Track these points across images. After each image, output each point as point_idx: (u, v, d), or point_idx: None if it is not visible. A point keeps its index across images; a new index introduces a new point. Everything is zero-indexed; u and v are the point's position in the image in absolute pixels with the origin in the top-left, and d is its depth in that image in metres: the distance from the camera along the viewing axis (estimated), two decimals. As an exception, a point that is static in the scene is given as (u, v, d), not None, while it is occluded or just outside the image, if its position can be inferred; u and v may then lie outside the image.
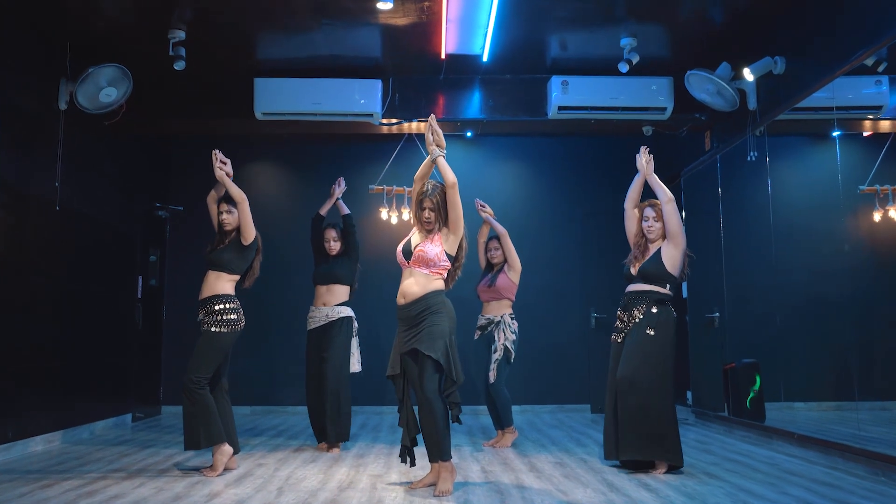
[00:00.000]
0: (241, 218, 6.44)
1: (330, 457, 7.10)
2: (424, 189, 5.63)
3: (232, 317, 6.31)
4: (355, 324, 7.75)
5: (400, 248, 5.65)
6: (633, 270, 6.39)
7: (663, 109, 8.95)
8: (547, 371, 10.61)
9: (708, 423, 9.34)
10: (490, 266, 8.10)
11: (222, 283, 6.40)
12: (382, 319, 10.15)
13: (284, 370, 10.56)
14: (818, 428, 7.74)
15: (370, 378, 9.22)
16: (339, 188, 7.98)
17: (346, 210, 7.97)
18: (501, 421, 7.83)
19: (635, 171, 6.58)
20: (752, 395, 8.62)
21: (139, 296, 10.00)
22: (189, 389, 6.11)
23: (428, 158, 5.63)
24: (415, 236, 5.66)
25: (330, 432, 7.43)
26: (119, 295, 9.50)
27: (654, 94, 8.89)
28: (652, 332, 6.18)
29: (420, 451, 5.91)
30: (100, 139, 8.81)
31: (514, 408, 8.26)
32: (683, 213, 9.93)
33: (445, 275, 5.61)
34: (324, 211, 7.96)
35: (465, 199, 5.65)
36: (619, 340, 6.39)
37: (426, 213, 5.60)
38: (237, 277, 6.50)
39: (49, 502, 5.18)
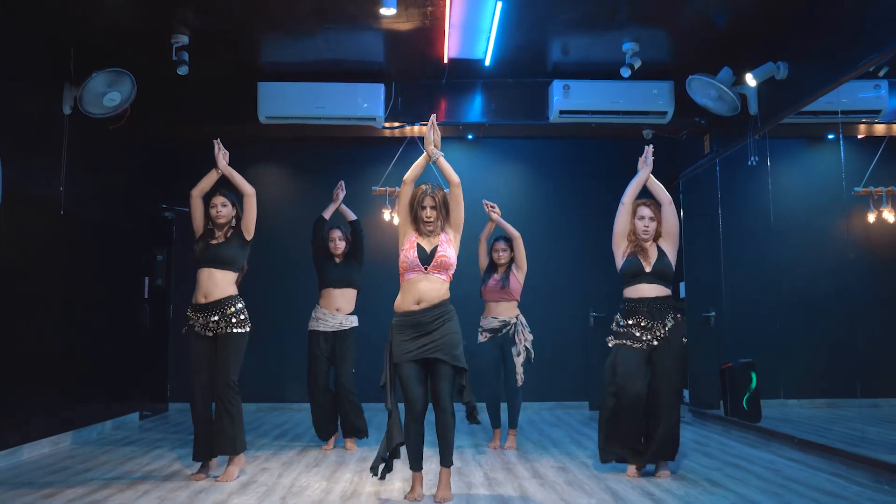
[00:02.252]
0: (247, 212, 6.37)
1: (335, 460, 7.09)
2: (424, 189, 5.46)
3: (246, 315, 6.30)
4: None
5: (412, 252, 5.36)
6: (647, 267, 6.17)
7: (664, 113, 8.95)
8: (546, 369, 10.53)
9: (705, 423, 9.36)
10: (493, 266, 8.01)
11: (230, 282, 6.32)
12: (384, 318, 10.02)
13: (290, 367, 10.56)
14: (815, 428, 7.82)
15: (375, 374, 9.04)
16: (342, 191, 7.94)
17: (352, 216, 7.96)
18: (512, 422, 7.87)
19: (633, 173, 6.52)
20: (748, 394, 8.62)
21: (146, 296, 10.01)
22: (236, 393, 6.13)
23: (422, 158, 5.50)
24: (423, 240, 5.43)
25: (345, 428, 7.63)
26: (126, 295, 9.50)
27: (654, 98, 8.88)
28: (685, 341, 6.18)
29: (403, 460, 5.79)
30: (104, 143, 8.76)
31: (514, 404, 8.25)
32: (681, 215, 9.84)
33: None
34: (327, 214, 7.93)
35: (464, 202, 5.60)
36: (640, 348, 6.13)
37: (428, 213, 5.41)
38: (237, 274, 6.42)
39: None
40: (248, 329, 6.29)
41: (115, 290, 9.15)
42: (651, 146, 6.53)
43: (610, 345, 6.33)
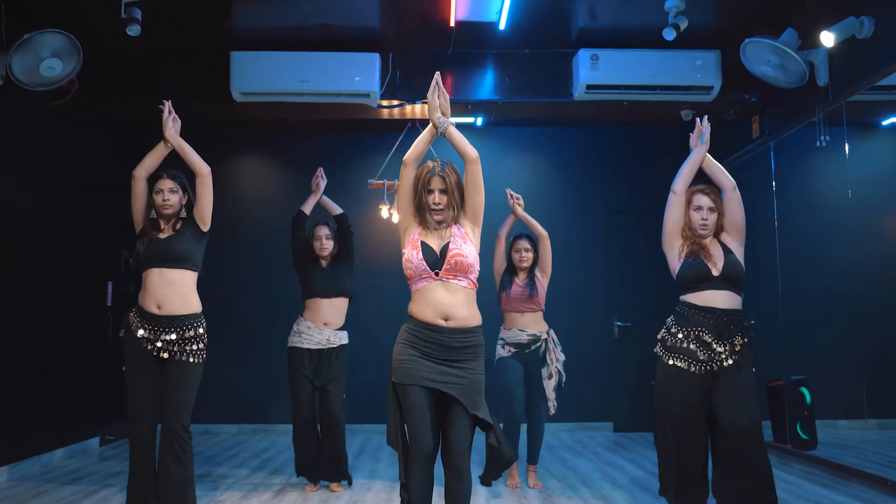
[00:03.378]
0: (203, 197, 5.28)
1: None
2: (431, 167, 4.23)
3: (206, 341, 5.20)
4: None
5: (416, 254, 4.14)
6: (715, 270, 4.90)
7: (709, 89, 7.75)
8: (565, 386, 9.44)
9: None
10: (513, 270, 6.96)
11: (190, 288, 5.20)
12: (382, 331, 9.10)
13: (275, 384, 9.57)
14: (884, 458, 7.17)
15: (371, 394, 8.61)
16: (322, 180, 6.93)
17: (337, 209, 6.91)
18: (533, 456, 6.88)
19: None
20: (801, 419, 7.74)
21: (109, 304, 9.02)
22: (187, 443, 5.03)
23: (427, 132, 4.26)
24: (430, 236, 4.21)
25: (330, 470, 6.52)
26: (84, 303, 8.55)
27: (698, 70, 7.69)
28: (754, 370, 4.92)
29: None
30: (48, 123, 7.77)
31: (529, 426, 7.48)
32: None
33: None
34: (307, 208, 6.86)
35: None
36: (697, 372, 4.85)
37: (436, 197, 4.18)
38: (196, 275, 5.28)
39: None
40: (202, 360, 5.18)
41: (70, 296, 8.21)
42: (706, 119, 5.31)
43: (657, 353, 5.03)
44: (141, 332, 5.06)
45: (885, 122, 8.29)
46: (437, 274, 4.10)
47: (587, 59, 7.66)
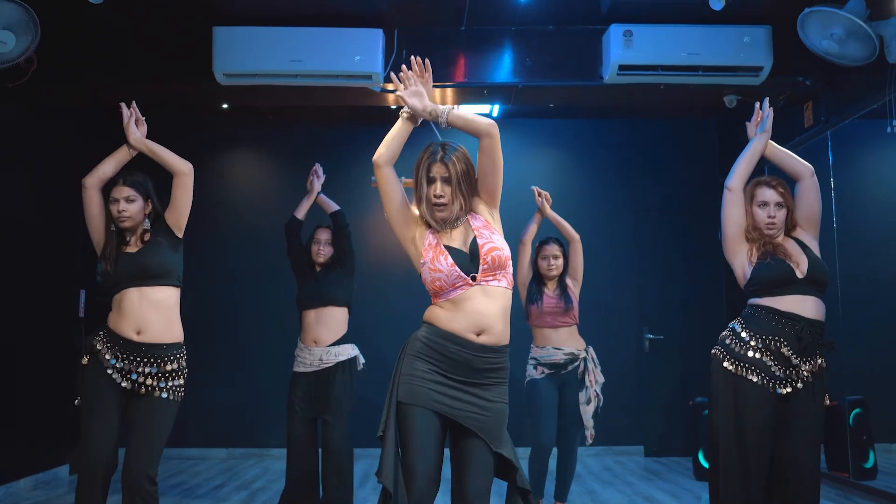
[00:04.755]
0: (180, 198, 4.55)
1: None
2: (431, 151, 3.50)
3: (183, 378, 4.47)
4: (361, 360, 6.11)
5: (446, 260, 3.45)
6: (800, 272, 4.18)
7: (758, 70, 6.96)
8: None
9: None
10: (540, 279, 6.21)
11: (176, 313, 4.48)
12: (388, 342, 8.34)
13: (268, 405, 9.08)
14: None
15: (375, 414, 7.58)
16: (318, 179, 6.32)
17: (333, 206, 6.24)
18: (562, 493, 6.20)
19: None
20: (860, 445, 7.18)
21: (82, 314, 8.44)
22: (153, 498, 4.27)
23: (403, 124, 3.57)
24: (446, 236, 3.53)
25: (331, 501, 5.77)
26: (52, 315, 7.99)
27: (745, 48, 6.91)
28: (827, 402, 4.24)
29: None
30: (6, 108, 7.24)
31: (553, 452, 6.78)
32: None
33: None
34: (301, 213, 6.24)
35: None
36: (768, 388, 4.11)
37: (437, 188, 3.47)
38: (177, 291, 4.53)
39: None
40: (179, 399, 4.44)
41: (36, 306, 7.69)
42: (767, 102, 4.59)
43: (717, 356, 4.27)
44: (110, 360, 4.32)
45: None
46: (473, 279, 3.44)
47: (619, 36, 6.97)
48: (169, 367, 4.33)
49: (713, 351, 4.29)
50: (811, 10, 5.98)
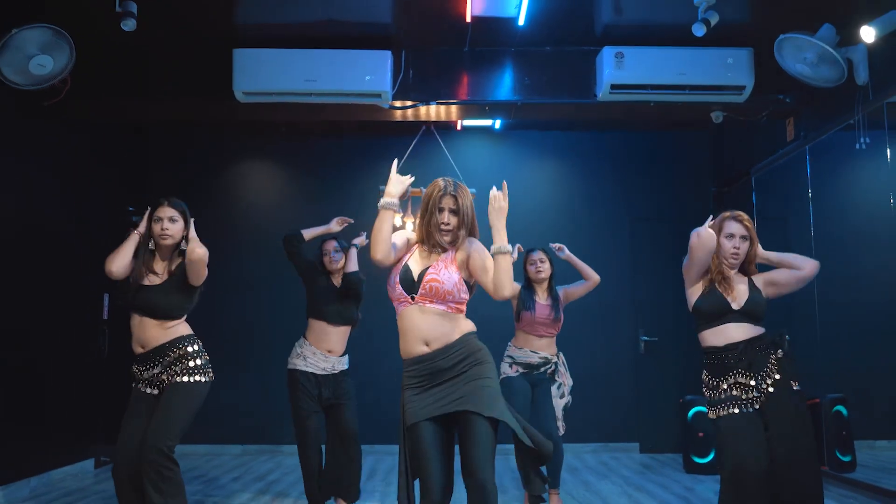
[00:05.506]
0: (196, 276, 4.84)
1: None
2: (443, 186, 3.99)
3: (203, 360, 4.92)
4: None
5: (395, 276, 3.98)
6: (736, 305, 4.53)
7: (741, 89, 7.30)
8: (588, 404, 9.19)
9: None
10: (530, 285, 6.53)
11: (176, 325, 4.91)
12: (392, 345, 8.67)
13: (280, 403, 8.99)
14: None
15: (381, 412, 8.57)
16: (340, 225, 6.53)
17: (353, 266, 6.32)
18: (554, 480, 6.41)
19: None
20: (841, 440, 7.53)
21: (105, 317, 8.58)
22: (173, 462, 4.61)
23: (387, 217, 4.03)
24: (422, 257, 4.02)
25: (349, 489, 6.12)
26: (78, 316, 8.18)
27: (729, 69, 7.26)
28: (797, 386, 4.47)
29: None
30: (43, 124, 7.48)
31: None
32: (755, 218, 8.56)
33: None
34: (308, 235, 6.42)
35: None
36: (743, 412, 4.43)
37: (445, 217, 3.97)
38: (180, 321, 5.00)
39: None
40: (203, 379, 4.80)
41: (63, 308, 7.86)
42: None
43: (711, 417, 4.58)
44: (139, 376, 4.84)
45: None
46: (412, 298, 3.91)
47: (612, 58, 7.26)
48: (174, 355, 4.73)
49: (709, 415, 4.56)
50: (785, 36, 6.36)
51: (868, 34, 6.00)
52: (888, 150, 6.79)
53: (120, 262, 4.76)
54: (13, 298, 6.97)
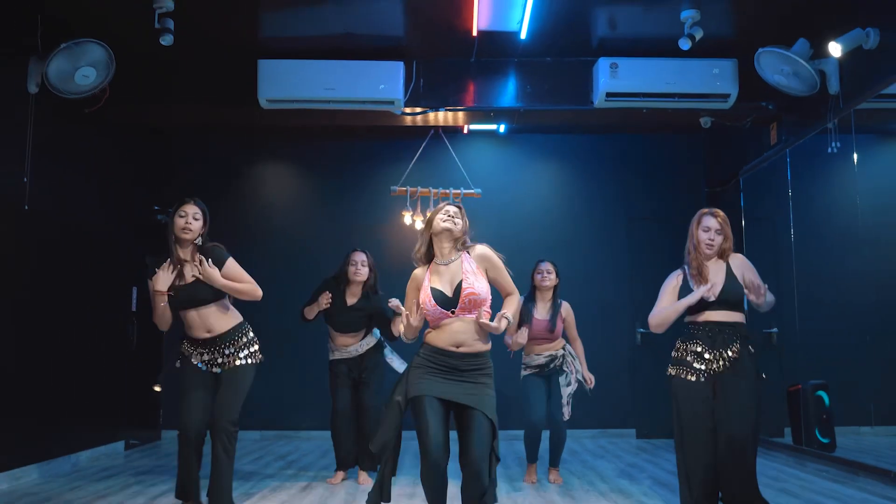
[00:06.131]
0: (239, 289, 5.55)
1: (343, 497, 6.17)
2: (443, 206, 4.56)
3: (257, 346, 5.68)
4: (384, 343, 7.09)
5: (430, 301, 4.38)
6: (713, 296, 5.01)
7: (726, 97, 7.81)
8: (591, 393, 9.48)
9: (772, 453, 8.39)
10: (533, 295, 7.11)
11: (227, 309, 5.62)
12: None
13: (297, 391, 9.77)
14: None
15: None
16: (325, 303, 6.92)
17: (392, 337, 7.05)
18: (554, 460, 7.02)
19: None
20: (819, 423, 7.77)
21: (134, 308, 8.99)
22: (233, 436, 5.35)
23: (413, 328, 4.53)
24: (437, 276, 4.49)
25: (365, 459, 6.87)
26: (110, 307, 8.52)
27: (715, 78, 7.76)
28: (765, 377, 5.04)
29: None
30: (79, 129, 7.83)
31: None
32: (742, 218, 9.16)
33: None
34: (311, 315, 7.06)
35: (495, 204, 4.52)
36: (695, 380, 4.97)
37: (451, 210, 4.53)
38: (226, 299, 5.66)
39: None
40: (257, 362, 5.56)
41: (95, 300, 8.17)
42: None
43: (669, 372, 5.18)
44: (196, 357, 5.43)
45: (897, 130, 8.32)
46: (453, 313, 4.34)
47: (607, 68, 7.75)
48: (239, 343, 5.42)
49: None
50: (763, 50, 6.89)
51: (835, 49, 6.51)
52: (855, 155, 7.17)
53: (163, 321, 5.35)
54: (51, 294, 7.30)
